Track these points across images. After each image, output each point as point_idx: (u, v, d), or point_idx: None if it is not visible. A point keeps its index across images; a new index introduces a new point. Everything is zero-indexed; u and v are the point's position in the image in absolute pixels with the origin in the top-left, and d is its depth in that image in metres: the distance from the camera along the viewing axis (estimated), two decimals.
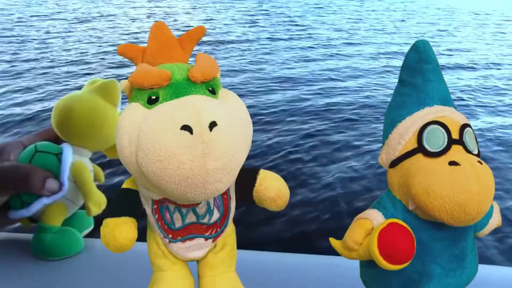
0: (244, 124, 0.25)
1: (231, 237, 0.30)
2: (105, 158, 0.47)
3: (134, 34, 5.04)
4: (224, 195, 0.28)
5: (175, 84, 0.25)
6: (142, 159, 0.22)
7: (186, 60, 0.29)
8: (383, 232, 0.26)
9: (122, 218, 0.27)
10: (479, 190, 0.24)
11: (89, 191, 0.41)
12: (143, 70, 0.25)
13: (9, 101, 2.74)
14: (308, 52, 4.36)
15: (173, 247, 0.29)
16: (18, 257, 0.41)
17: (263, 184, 0.28)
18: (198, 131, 0.22)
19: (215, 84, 0.26)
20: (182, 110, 0.22)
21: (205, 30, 0.29)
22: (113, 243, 0.26)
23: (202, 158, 0.22)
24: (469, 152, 0.27)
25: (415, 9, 8.53)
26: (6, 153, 0.39)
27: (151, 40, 0.28)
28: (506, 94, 3.16)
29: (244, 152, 0.24)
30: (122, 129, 0.24)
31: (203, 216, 0.28)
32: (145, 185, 0.26)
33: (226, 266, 0.30)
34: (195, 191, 0.22)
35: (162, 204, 0.27)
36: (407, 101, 0.29)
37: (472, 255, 0.30)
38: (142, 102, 0.25)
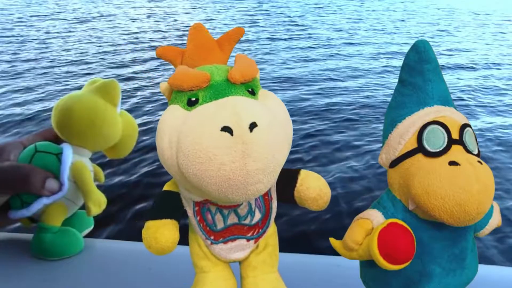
0: (284, 124, 0.24)
1: (273, 237, 0.30)
2: (105, 158, 0.47)
3: (134, 34, 5.04)
4: (266, 196, 0.28)
5: (214, 85, 0.24)
6: (183, 161, 0.22)
7: (225, 61, 0.29)
8: (383, 232, 0.26)
9: (163, 220, 0.27)
10: (479, 190, 0.24)
11: (89, 191, 0.41)
12: (182, 72, 0.25)
13: (9, 101, 2.74)
14: (308, 52, 4.36)
15: (215, 249, 0.28)
16: (18, 257, 0.41)
17: (304, 184, 0.27)
18: (238, 132, 0.21)
19: (255, 84, 0.26)
20: (222, 112, 0.22)
21: (243, 31, 0.29)
22: (155, 246, 0.26)
23: (242, 159, 0.21)
24: (469, 152, 0.27)
25: (415, 9, 8.53)
26: (6, 153, 0.39)
27: (190, 41, 0.28)
28: (506, 94, 3.16)
29: (284, 152, 0.24)
30: (162, 132, 0.24)
31: (244, 217, 0.28)
32: (186, 187, 0.26)
33: (268, 266, 0.29)
34: (236, 192, 0.22)
35: (204, 205, 0.27)
36: (407, 101, 0.29)
37: (472, 255, 0.30)
38: (182, 104, 0.25)
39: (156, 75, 3.40)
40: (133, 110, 2.57)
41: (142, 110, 2.60)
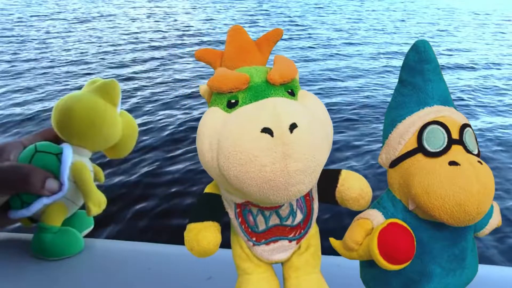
0: (324, 125, 0.24)
1: (315, 238, 0.30)
2: (105, 158, 0.47)
3: (134, 34, 5.04)
4: (307, 196, 0.28)
5: (254, 87, 0.24)
6: (224, 163, 0.22)
7: (264, 62, 0.29)
8: (383, 232, 0.26)
9: (205, 223, 0.27)
10: (479, 190, 0.24)
11: (89, 191, 0.41)
12: (222, 74, 0.25)
13: (9, 101, 2.74)
14: (308, 52, 4.36)
15: (257, 250, 0.28)
16: (18, 257, 0.41)
17: (345, 184, 0.27)
18: (279, 133, 0.21)
19: (294, 85, 0.26)
20: (262, 113, 0.22)
21: (282, 32, 0.29)
22: (197, 248, 0.26)
23: (283, 160, 0.21)
24: (469, 152, 0.27)
25: (415, 9, 8.53)
26: (6, 153, 0.39)
27: (229, 43, 0.28)
28: (506, 94, 3.16)
29: (325, 152, 0.24)
30: (202, 134, 0.24)
31: (286, 218, 0.27)
32: (227, 189, 0.26)
33: (310, 267, 0.29)
34: (277, 194, 0.22)
35: (245, 207, 0.27)
36: (407, 101, 0.29)
37: (472, 255, 0.30)
38: (222, 106, 0.25)
39: (156, 75, 3.40)
40: (133, 110, 2.57)
41: (142, 110, 2.60)
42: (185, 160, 1.98)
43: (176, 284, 0.38)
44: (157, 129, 2.29)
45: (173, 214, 1.58)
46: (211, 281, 0.38)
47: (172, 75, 3.39)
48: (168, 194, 1.70)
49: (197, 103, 2.70)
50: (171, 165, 1.93)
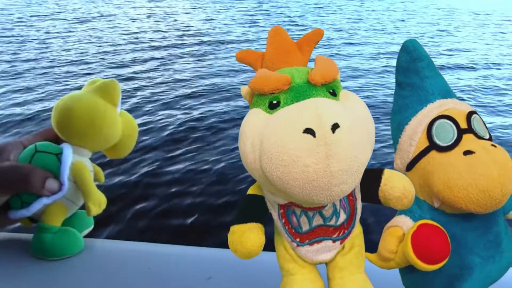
0: (366, 124, 0.24)
1: (359, 238, 0.30)
2: (105, 158, 0.47)
3: (134, 34, 5.04)
4: (350, 196, 0.28)
5: (295, 87, 0.24)
6: (266, 164, 0.22)
7: (305, 63, 0.28)
8: (415, 235, 0.26)
9: (249, 224, 0.27)
10: (499, 173, 0.24)
11: (89, 191, 0.41)
12: (263, 76, 0.25)
13: (9, 101, 2.74)
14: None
15: (301, 251, 0.28)
16: (18, 257, 0.41)
17: (388, 184, 0.27)
18: (321, 133, 0.21)
19: (336, 85, 0.25)
20: (304, 114, 0.22)
21: (323, 33, 0.29)
22: (241, 250, 0.26)
23: (326, 160, 0.21)
24: (480, 138, 0.27)
25: (415, 9, 8.53)
26: (6, 153, 0.39)
27: (270, 44, 0.28)
28: (506, 94, 3.16)
29: (367, 152, 0.24)
30: (244, 135, 0.24)
31: (329, 218, 0.27)
32: (270, 190, 0.26)
33: (354, 267, 0.29)
34: (320, 194, 0.22)
35: (288, 208, 0.27)
36: (409, 102, 0.29)
37: (507, 238, 0.30)
38: (264, 107, 0.25)
39: (156, 75, 3.40)
40: (133, 110, 2.57)
41: (142, 110, 2.60)
42: (185, 160, 1.98)
43: (176, 284, 0.38)
44: (157, 129, 2.29)
45: (173, 214, 1.58)
46: (211, 281, 0.38)
47: (172, 75, 3.39)
48: (168, 194, 1.70)
49: (197, 103, 2.70)
50: (171, 165, 1.93)
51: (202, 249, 0.45)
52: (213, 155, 2.03)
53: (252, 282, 0.38)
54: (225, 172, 1.87)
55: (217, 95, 2.89)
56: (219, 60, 3.95)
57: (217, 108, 2.60)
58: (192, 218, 1.55)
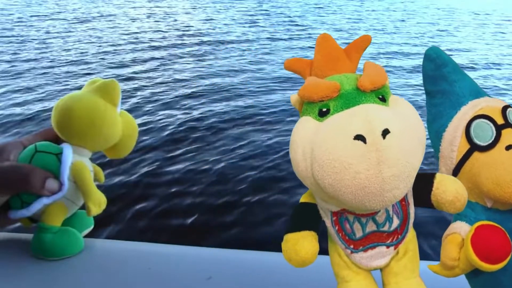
0: (416, 129, 0.24)
1: (412, 242, 0.30)
2: (105, 158, 0.47)
3: (134, 34, 5.04)
4: (402, 201, 0.28)
5: (344, 94, 0.25)
6: (318, 172, 0.23)
7: (354, 70, 0.28)
8: (475, 238, 0.26)
9: (302, 233, 0.27)
10: None
11: (89, 191, 0.41)
12: (312, 83, 0.25)
13: (9, 101, 2.74)
14: (308, 52, 4.36)
15: (355, 257, 0.28)
16: (18, 257, 0.41)
17: (440, 188, 0.27)
18: (371, 139, 0.22)
19: (385, 91, 0.26)
20: (354, 120, 0.22)
21: (370, 39, 0.29)
22: (295, 258, 0.26)
23: (377, 166, 0.21)
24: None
25: (415, 9, 8.53)
26: (6, 153, 0.39)
27: (318, 52, 0.28)
28: (506, 94, 3.16)
29: (418, 157, 0.23)
30: (295, 144, 0.24)
31: (383, 224, 0.27)
32: (323, 197, 0.26)
33: (409, 272, 0.29)
34: (373, 200, 0.22)
35: (341, 215, 0.27)
36: (442, 109, 0.30)
37: None
38: (313, 115, 0.25)
39: (156, 75, 3.40)
40: (133, 110, 2.57)
41: (142, 110, 2.60)
42: (185, 160, 1.98)
43: (176, 284, 0.38)
44: (157, 129, 2.29)
45: (173, 214, 1.58)
46: (211, 281, 0.38)
47: (172, 75, 3.39)
48: (168, 194, 1.71)
49: (197, 103, 2.70)
50: (171, 165, 1.93)
51: (202, 249, 0.45)
52: (213, 155, 2.03)
53: (252, 282, 0.38)
54: (225, 172, 1.87)
55: (217, 95, 2.89)
56: (219, 60, 3.95)
57: (217, 108, 2.60)
58: (192, 218, 1.55)
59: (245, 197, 1.70)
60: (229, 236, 1.47)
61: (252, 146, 2.13)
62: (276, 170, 1.89)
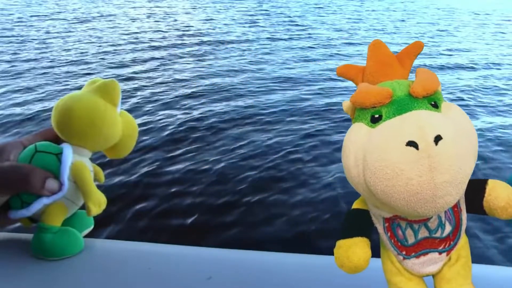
0: (469, 135, 0.24)
1: (465, 248, 0.30)
2: (105, 158, 0.47)
3: (134, 34, 5.04)
4: (455, 208, 0.28)
5: (397, 101, 0.25)
6: (370, 178, 0.23)
7: (406, 76, 0.29)
8: None
9: (354, 239, 0.27)
10: None
11: (89, 191, 0.41)
12: (364, 90, 0.25)
13: (9, 101, 2.74)
14: (308, 52, 4.36)
15: (407, 264, 0.28)
16: (18, 257, 0.41)
17: (492, 194, 0.27)
18: (424, 146, 0.22)
19: (437, 97, 0.26)
20: (406, 126, 0.23)
21: (423, 45, 0.29)
22: (348, 264, 0.26)
23: (429, 172, 0.22)
24: None
25: (415, 9, 8.53)
26: (6, 153, 0.39)
27: (370, 58, 0.28)
28: (506, 94, 3.16)
29: (471, 163, 0.23)
30: (347, 150, 0.25)
31: (435, 230, 0.27)
32: (375, 203, 0.26)
33: (462, 278, 0.29)
34: (425, 206, 0.22)
35: (394, 221, 0.27)
36: None
37: None
38: (366, 122, 0.25)
39: (156, 75, 3.40)
40: (133, 110, 2.57)
41: (142, 110, 2.60)
42: (185, 160, 1.98)
43: (176, 284, 0.38)
44: (157, 129, 2.29)
45: (173, 214, 1.58)
46: (211, 281, 0.38)
47: (172, 75, 3.39)
48: (168, 194, 1.71)
49: (197, 103, 2.70)
50: (171, 165, 1.93)
51: (202, 249, 0.45)
52: (213, 155, 2.03)
53: (252, 282, 0.38)
54: (225, 172, 1.87)
55: (217, 95, 2.89)
56: (219, 60, 3.95)
57: (217, 108, 2.60)
58: (192, 218, 1.55)
59: (245, 197, 1.70)
60: (229, 236, 1.48)
61: (252, 146, 2.13)
62: (276, 170, 1.89)
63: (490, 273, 0.40)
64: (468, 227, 0.28)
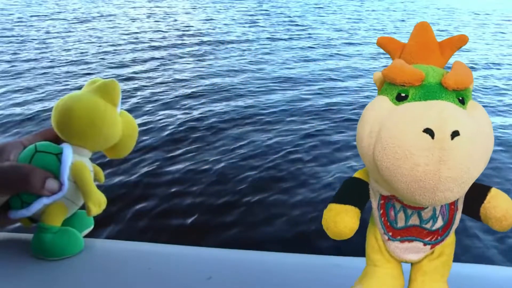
0: (486, 139, 0.24)
1: (450, 247, 0.30)
2: (105, 158, 0.47)
3: (134, 34, 5.04)
4: (452, 205, 0.28)
5: (426, 86, 0.25)
6: (379, 153, 0.23)
7: (443, 65, 0.29)
8: None
9: (347, 206, 0.27)
10: None
11: (89, 191, 0.41)
12: (398, 66, 0.25)
13: (9, 101, 2.74)
14: (308, 52, 4.36)
15: (390, 245, 0.29)
16: (18, 257, 0.41)
17: (492, 202, 0.27)
18: (440, 137, 0.22)
19: (466, 94, 0.26)
20: (428, 113, 0.23)
21: (467, 40, 0.29)
22: (333, 229, 0.26)
23: (437, 164, 0.22)
24: None
25: (415, 9, 8.53)
26: (6, 153, 0.39)
27: (413, 38, 0.28)
28: (506, 94, 3.16)
29: (480, 166, 0.23)
30: (365, 120, 0.25)
31: (426, 221, 0.28)
32: (377, 178, 0.26)
33: (438, 275, 0.29)
34: (423, 195, 0.23)
35: (389, 201, 0.28)
36: None
37: None
38: (391, 97, 0.25)
39: (156, 75, 3.40)
40: (133, 110, 2.57)
41: (142, 110, 2.60)
42: (185, 160, 1.98)
43: (176, 284, 0.38)
44: (157, 129, 2.29)
45: (173, 214, 1.58)
46: (211, 281, 0.38)
47: (172, 75, 3.39)
48: (168, 194, 1.71)
49: (197, 103, 2.70)
50: (171, 165, 1.93)
51: (202, 249, 0.45)
52: (213, 155, 2.03)
53: (252, 282, 0.38)
54: (225, 172, 1.87)
55: (217, 95, 2.89)
56: (219, 60, 3.95)
57: (217, 108, 2.60)
58: (192, 218, 1.55)
59: (245, 197, 1.70)
60: (229, 236, 1.47)
61: (252, 146, 2.13)
62: (276, 170, 1.89)
63: (490, 273, 0.40)
64: (468, 227, 0.29)
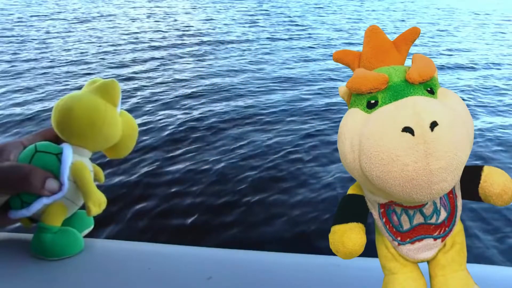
0: (464, 122, 0.24)
1: (460, 235, 0.30)
2: (105, 158, 0.47)
3: (134, 34, 5.04)
4: (450, 194, 0.28)
5: (393, 86, 0.25)
6: (366, 164, 0.23)
7: (402, 62, 0.29)
8: None
9: (350, 224, 0.27)
10: None
11: (89, 191, 0.41)
12: (361, 75, 0.25)
13: (9, 101, 2.74)
14: (308, 52, 4.36)
15: (402, 250, 0.29)
16: (18, 257, 0.41)
17: (488, 181, 0.27)
18: (420, 132, 0.22)
19: (433, 84, 0.26)
20: (402, 112, 0.23)
21: (419, 31, 0.29)
22: (343, 250, 0.26)
23: (425, 158, 0.22)
24: None
25: (415, 9, 8.53)
26: (6, 153, 0.39)
27: (366, 44, 0.28)
28: (506, 94, 3.16)
29: (466, 150, 0.23)
30: (343, 135, 0.25)
31: (430, 216, 0.28)
32: (370, 189, 0.26)
33: (456, 264, 0.29)
34: (420, 192, 0.23)
35: (389, 207, 0.28)
36: None
37: None
38: (362, 107, 0.25)
39: (156, 75, 3.40)
40: (133, 110, 2.57)
41: (142, 110, 2.60)
42: (185, 160, 1.98)
43: (176, 284, 0.38)
44: (157, 129, 2.29)
45: (173, 214, 1.58)
46: (211, 281, 0.38)
47: (172, 75, 3.39)
48: (168, 194, 1.71)
49: (197, 103, 2.70)
50: (171, 165, 1.93)
51: (202, 249, 0.45)
52: (213, 155, 2.03)
53: (252, 282, 0.38)
54: (225, 172, 1.87)
55: (217, 95, 2.89)
56: (219, 60, 3.95)
57: (217, 108, 2.60)
58: (192, 218, 1.55)
59: (245, 197, 1.70)
60: (229, 236, 1.47)
61: (252, 146, 2.13)
62: (276, 170, 1.89)
63: (490, 273, 0.40)
64: (468, 227, 0.29)
